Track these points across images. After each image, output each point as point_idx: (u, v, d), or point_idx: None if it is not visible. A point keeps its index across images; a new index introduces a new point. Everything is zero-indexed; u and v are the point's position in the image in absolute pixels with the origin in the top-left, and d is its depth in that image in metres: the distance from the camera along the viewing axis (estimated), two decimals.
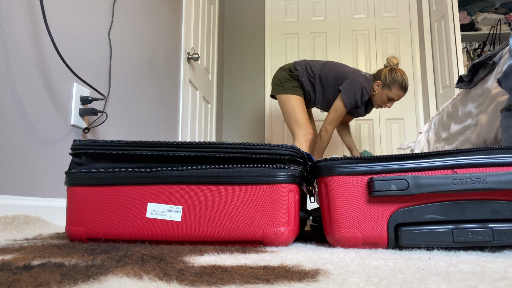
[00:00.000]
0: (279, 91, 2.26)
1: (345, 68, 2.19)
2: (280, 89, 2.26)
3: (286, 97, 2.23)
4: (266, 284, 0.33)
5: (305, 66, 2.25)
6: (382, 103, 2.19)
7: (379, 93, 2.16)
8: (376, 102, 2.21)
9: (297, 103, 2.21)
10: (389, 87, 2.13)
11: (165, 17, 2.06)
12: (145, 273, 0.37)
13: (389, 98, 2.16)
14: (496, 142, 1.19)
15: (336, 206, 0.61)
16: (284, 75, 2.26)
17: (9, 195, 0.96)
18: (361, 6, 3.33)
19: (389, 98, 2.16)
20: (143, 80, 1.77)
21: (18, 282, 0.32)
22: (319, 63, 2.25)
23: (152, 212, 0.63)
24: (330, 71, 2.20)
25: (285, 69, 2.29)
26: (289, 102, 2.22)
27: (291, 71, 2.26)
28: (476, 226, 0.56)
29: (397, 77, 2.11)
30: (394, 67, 2.17)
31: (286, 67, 2.29)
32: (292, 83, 2.24)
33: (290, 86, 2.23)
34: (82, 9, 1.30)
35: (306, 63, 2.27)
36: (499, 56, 1.27)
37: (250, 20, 3.43)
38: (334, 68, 2.20)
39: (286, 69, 2.29)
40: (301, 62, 2.28)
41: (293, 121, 2.19)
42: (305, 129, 2.17)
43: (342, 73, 2.16)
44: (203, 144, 0.65)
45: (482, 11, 3.40)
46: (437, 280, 0.35)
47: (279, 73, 2.30)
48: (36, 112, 1.07)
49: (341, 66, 2.22)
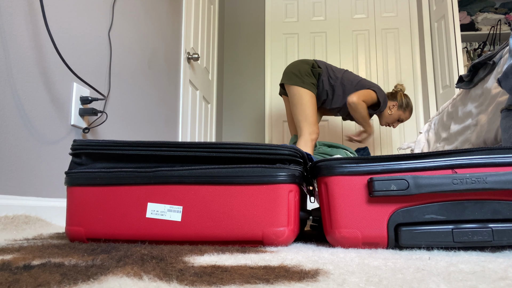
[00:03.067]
0: (296, 82, 2.23)
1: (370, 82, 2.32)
2: (298, 81, 2.22)
3: (302, 91, 2.21)
4: (266, 284, 0.33)
5: (326, 67, 2.29)
6: (392, 122, 2.41)
7: (394, 114, 2.37)
8: (387, 120, 2.39)
9: (311, 100, 2.20)
10: (404, 110, 2.37)
11: (165, 17, 2.06)
12: (145, 273, 0.37)
13: (400, 119, 2.39)
14: (496, 142, 1.19)
15: (336, 206, 0.61)
16: (306, 68, 2.24)
17: (9, 195, 0.96)
18: (361, 6, 3.33)
19: (399, 119, 2.40)
20: (143, 80, 1.77)
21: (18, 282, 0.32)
22: (340, 71, 2.31)
23: (152, 212, 0.63)
24: (354, 79, 2.28)
25: (308, 63, 2.27)
26: (304, 97, 2.20)
27: (314, 67, 2.26)
28: (476, 226, 0.56)
29: (410, 102, 2.38)
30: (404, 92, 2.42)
31: (309, 62, 2.27)
32: (312, 79, 2.23)
33: (309, 81, 2.22)
34: (82, 9, 1.30)
35: (327, 65, 2.31)
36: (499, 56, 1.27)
37: (250, 20, 3.43)
38: (358, 78, 2.30)
39: (308, 63, 2.27)
40: (322, 62, 2.30)
41: (303, 117, 2.19)
42: (313, 128, 2.17)
43: (369, 84, 2.28)
44: (203, 144, 0.65)
45: (482, 11, 3.40)
46: (437, 280, 0.35)
47: (301, 65, 2.26)
48: (36, 112, 1.07)
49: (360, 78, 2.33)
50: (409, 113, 2.39)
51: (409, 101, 2.37)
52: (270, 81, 3.32)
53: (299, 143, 2.17)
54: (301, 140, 2.17)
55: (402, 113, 2.37)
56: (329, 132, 3.21)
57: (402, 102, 2.35)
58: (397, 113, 2.37)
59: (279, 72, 3.33)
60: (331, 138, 3.20)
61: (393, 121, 2.39)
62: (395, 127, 2.45)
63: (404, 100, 2.36)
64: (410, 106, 2.37)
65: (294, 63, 2.30)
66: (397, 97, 2.36)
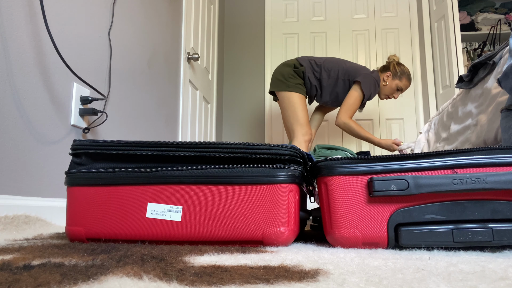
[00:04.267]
0: (281, 87, 2.22)
1: (353, 64, 2.26)
2: (283, 85, 2.21)
3: (289, 95, 2.19)
4: (266, 284, 0.33)
5: (309, 62, 2.24)
6: (391, 93, 2.30)
7: (389, 84, 2.28)
8: (385, 92, 2.31)
9: (299, 101, 2.18)
10: (400, 78, 2.26)
11: (165, 17, 2.06)
12: (145, 273, 0.37)
13: (398, 88, 2.28)
14: (496, 142, 1.19)
15: (336, 206, 0.61)
16: (289, 71, 2.22)
17: (9, 195, 0.96)
18: (361, 6, 3.33)
19: (397, 88, 2.29)
20: (143, 80, 1.77)
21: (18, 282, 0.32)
22: (322, 59, 2.26)
23: (152, 212, 0.63)
24: (338, 66, 2.22)
25: (289, 65, 2.24)
26: (292, 100, 2.18)
27: (296, 67, 2.23)
28: (476, 226, 0.56)
29: (405, 69, 2.27)
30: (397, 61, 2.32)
31: (290, 63, 2.25)
32: (296, 80, 2.21)
33: (294, 83, 2.20)
34: (82, 9, 1.30)
35: (309, 58, 2.26)
36: (499, 56, 1.27)
37: (250, 20, 3.43)
38: (340, 64, 2.24)
39: (290, 65, 2.24)
40: (303, 58, 2.26)
41: (294, 120, 2.17)
42: (305, 129, 2.15)
43: (353, 69, 2.21)
44: (203, 144, 0.65)
45: (482, 11, 3.40)
46: (437, 280, 0.35)
47: (283, 68, 2.25)
48: (36, 112, 1.07)
49: (346, 61, 2.27)
50: (407, 80, 2.27)
51: (404, 69, 2.27)
52: (270, 80, 3.32)
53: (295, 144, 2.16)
54: (294, 142, 2.16)
55: (399, 81, 2.26)
56: (329, 133, 3.21)
57: (396, 70, 2.25)
58: (393, 83, 2.27)
59: None
60: (331, 138, 3.20)
61: (391, 91, 2.29)
62: (396, 97, 2.33)
63: (398, 68, 2.26)
64: (406, 73, 2.26)
65: (277, 68, 2.29)
66: (390, 67, 2.28)
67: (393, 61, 2.31)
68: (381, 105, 3.18)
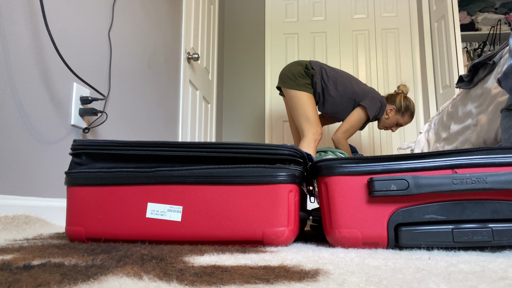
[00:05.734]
0: (291, 85, 2.21)
1: (363, 86, 2.25)
2: (293, 84, 2.20)
3: (298, 93, 2.19)
4: (266, 284, 0.33)
5: (320, 68, 2.24)
6: (390, 126, 2.31)
7: (392, 118, 2.28)
8: (385, 124, 2.31)
9: (309, 100, 2.18)
10: (402, 114, 2.26)
11: (165, 17, 2.06)
12: (145, 273, 0.37)
13: (398, 123, 2.29)
14: (496, 142, 1.19)
15: (336, 206, 0.61)
16: (300, 70, 2.21)
17: (9, 195, 0.96)
18: (361, 6, 3.33)
19: (397, 123, 2.29)
20: (143, 80, 1.77)
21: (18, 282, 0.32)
22: (333, 70, 2.25)
23: (152, 212, 0.63)
24: (347, 84, 2.21)
25: (301, 64, 2.24)
26: (301, 99, 2.18)
27: (308, 68, 2.22)
28: (476, 226, 0.56)
29: (410, 106, 2.26)
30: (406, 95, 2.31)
31: (303, 63, 2.24)
32: (305, 80, 2.21)
33: (303, 82, 2.19)
34: (82, 9, 1.30)
35: (322, 65, 2.26)
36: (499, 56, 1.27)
37: (250, 20, 3.43)
38: (351, 82, 2.23)
39: (302, 64, 2.24)
40: (316, 63, 2.26)
41: (304, 118, 2.16)
42: (316, 128, 2.15)
43: (362, 91, 2.21)
44: (203, 144, 0.65)
45: (482, 11, 3.40)
46: (437, 280, 0.35)
47: (294, 67, 2.24)
48: (36, 112, 1.07)
49: (357, 81, 2.25)
50: (409, 117, 2.28)
51: (410, 105, 2.26)
52: (270, 81, 3.32)
53: (302, 144, 2.15)
54: (304, 141, 2.15)
55: (401, 118, 2.27)
56: (329, 135, 3.21)
57: (400, 105, 2.25)
58: (395, 117, 2.27)
59: (279, 72, 3.33)
60: (330, 139, 3.20)
61: (390, 125, 2.30)
62: (394, 131, 2.34)
63: (404, 103, 2.25)
64: (410, 110, 2.26)
65: (288, 65, 2.28)
66: (396, 100, 2.26)
67: (401, 94, 2.29)
68: None
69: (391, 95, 2.30)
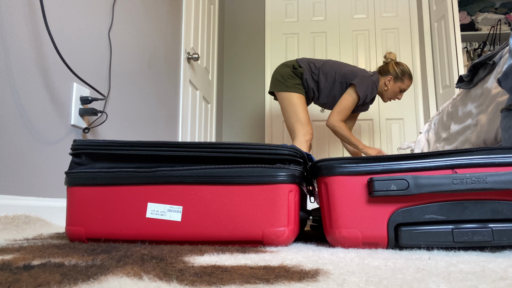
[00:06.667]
0: (280, 88, 2.22)
1: (352, 67, 2.24)
2: (282, 86, 2.22)
3: (288, 95, 2.20)
4: (266, 284, 0.33)
5: (308, 64, 2.25)
6: (394, 96, 2.28)
7: (392, 87, 2.25)
8: (388, 96, 2.28)
9: (299, 101, 2.19)
10: (401, 79, 2.23)
11: (165, 17, 2.05)
12: (145, 273, 0.37)
13: (401, 89, 2.26)
14: (496, 142, 1.19)
15: (336, 206, 0.61)
16: (288, 71, 2.23)
17: (9, 195, 0.96)
18: (361, 6, 3.33)
19: (400, 90, 2.26)
20: (143, 80, 1.77)
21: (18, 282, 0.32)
22: (321, 61, 2.26)
23: (152, 212, 0.63)
24: (336, 69, 2.22)
25: (288, 65, 2.25)
26: (291, 100, 2.19)
27: (295, 67, 2.24)
28: (476, 226, 0.56)
29: (405, 69, 2.23)
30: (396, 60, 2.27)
31: (289, 64, 2.26)
32: (295, 80, 2.22)
33: (292, 83, 2.20)
34: (82, 9, 1.30)
35: (309, 60, 2.26)
36: (499, 56, 1.27)
37: (250, 20, 3.43)
38: (339, 66, 2.23)
39: (289, 65, 2.25)
40: (303, 60, 2.27)
41: (294, 119, 2.17)
42: (306, 129, 2.15)
43: (351, 72, 2.20)
44: (203, 144, 0.65)
45: (482, 11, 3.40)
46: (437, 280, 0.35)
47: (282, 69, 2.25)
48: (36, 112, 1.07)
49: (346, 65, 2.26)
50: (409, 80, 2.23)
51: (404, 68, 2.22)
52: (270, 81, 3.32)
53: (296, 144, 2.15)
54: (295, 142, 2.15)
55: (401, 83, 2.23)
56: (329, 135, 3.21)
57: (396, 72, 2.21)
58: (396, 86, 2.24)
59: None
60: (330, 139, 3.20)
61: (394, 94, 2.27)
62: (400, 98, 2.30)
63: (398, 69, 2.21)
64: (406, 73, 2.22)
65: (276, 69, 2.29)
66: (389, 69, 2.23)
67: (391, 62, 2.27)
68: (381, 105, 3.18)
69: (382, 67, 2.28)
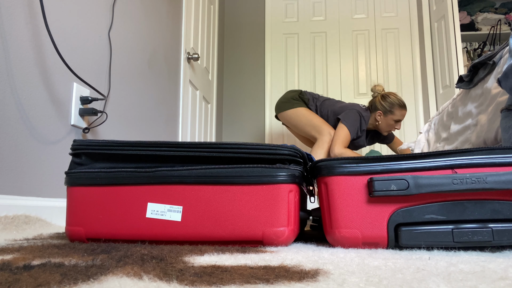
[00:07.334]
0: (286, 107, 2.33)
1: (342, 103, 2.32)
2: (287, 105, 2.33)
3: (295, 110, 2.30)
4: (266, 284, 0.33)
5: (312, 97, 2.37)
6: (391, 128, 2.30)
7: (383, 121, 2.27)
8: (384, 129, 2.31)
9: (307, 112, 2.28)
10: (391, 112, 2.23)
11: (165, 17, 2.05)
12: (145, 273, 0.37)
13: (395, 120, 2.26)
14: (496, 142, 1.19)
15: (336, 206, 0.61)
16: (294, 95, 2.36)
17: (9, 195, 0.96)
18: (361, 6, 3.33)
19: (395, 121, 2.27)
20: (143, 80, 1.77)
21: (18, 282, 0.32)
22: (321, 98, 2.38)
23: (152, 212, 0.63)
24: (329, 107, 2.32)
25: (295, 91, 2.39)
26: (300, 113, 2.29)
27: (302, 94, 2.37)
28: (476, 226, 0.56)
29: (392, 100, 2.22)
30: (383, 93, 2.28)
31: (296, 91, 2.40)
32: (300, 102, 2.33)
33: (297, 103, 2.32)
34: (82, 9, 1.30)
35: (313, 95, 2.39)
36: (499, 56, 1.27)
37: (250, 20, 3.43)
38: (334, 105, 2.32)
39: (296, 91, 2.39)
40: (308, 93, 2.40)
41: (311, 127, 2.25)
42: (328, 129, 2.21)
43: (340, 108, 2.28)
44: (203, 144, 0.65)
45: (482, 11, 3.40)
46: (437, 280, 0.35)
47: (288, 94, 2.39)
48: (36, 112, 1.07)
49: (339, 102, 2.35)
50: (399, 109, 2.21)
51: (392, 100, 2.21)
52: (270, 81, 3.32)
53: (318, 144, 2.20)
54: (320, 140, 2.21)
55: (392, 116, 2.23)
56: None
57: (384, 107, 2.22)
58: (387, 119, 2.24)
59: (279, 72, 3.33)
60: None
61: (390, 127, 2.27)
62: (399, 128, 2.30)
63: (385, 103, 2.21)
64: (396, 104, 2.20)
65: (282, 96, 2.42)
66: (377, 104, 2.24)
67: (377, 96, 2.27)
68: None
69: (370, 103, 2.30)
